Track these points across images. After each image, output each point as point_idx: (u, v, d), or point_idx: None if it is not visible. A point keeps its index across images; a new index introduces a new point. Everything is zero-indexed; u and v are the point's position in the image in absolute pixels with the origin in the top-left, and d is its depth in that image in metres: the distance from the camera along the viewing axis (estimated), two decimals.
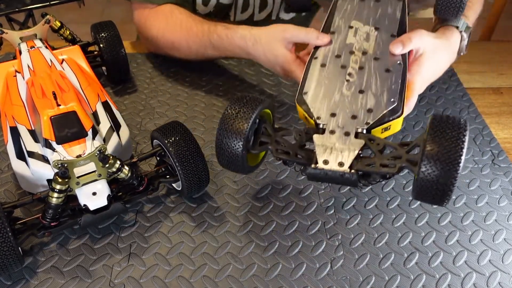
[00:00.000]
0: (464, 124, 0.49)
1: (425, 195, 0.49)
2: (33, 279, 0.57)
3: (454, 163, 0.47)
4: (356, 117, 0.58)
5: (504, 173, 0.72)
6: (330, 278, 0.58)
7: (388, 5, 0.70)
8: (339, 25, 0.69)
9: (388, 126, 0.58)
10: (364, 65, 0.63)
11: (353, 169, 0.53)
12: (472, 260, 0.61)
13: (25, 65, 0.70)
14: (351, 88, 0.61)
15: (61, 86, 0.64)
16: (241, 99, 0.58)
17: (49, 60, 0.71)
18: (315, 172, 0.55)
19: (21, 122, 0.64)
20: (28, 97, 0.65)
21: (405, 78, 0.61)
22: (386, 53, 0.64)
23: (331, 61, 0.65)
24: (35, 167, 0.60)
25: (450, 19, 0.71)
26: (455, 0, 0.66)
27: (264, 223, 0.64)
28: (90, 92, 0.69)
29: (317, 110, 0.59)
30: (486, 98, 0.87)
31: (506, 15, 0.80)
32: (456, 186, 0.47)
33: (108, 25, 0.83)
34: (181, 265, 0.59)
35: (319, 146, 0.56)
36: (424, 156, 0.47)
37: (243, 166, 0.59)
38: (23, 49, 0.74)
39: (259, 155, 0.64)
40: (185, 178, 0.61)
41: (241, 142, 0.56)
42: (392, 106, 0.58)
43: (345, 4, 0.72)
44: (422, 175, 0.48)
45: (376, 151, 0.54)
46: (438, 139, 0.48)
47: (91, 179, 0.58)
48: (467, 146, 0.75)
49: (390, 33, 0.66)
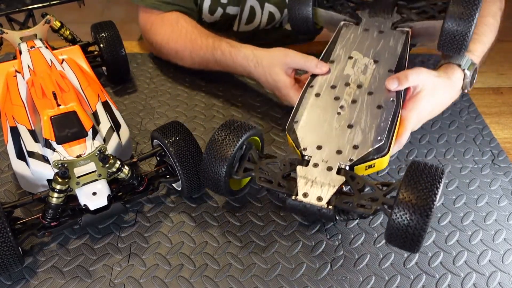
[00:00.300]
0: (440, 174, 0.50)
1: (396, 240, 0.50)
2: (33, 279, 0.57)
3: (424, 212, 0.47)
4: (341, 152, 0.58)
5: (504, 173, 0.72)
6: (330, 278, 0.58)
7: (391, 37, 0.70)
8: (339, 54, 0.70)
9: (373, 164, 0.59)
10: (357, 98, 0.63)
11: (331, 205, 0.54)
12: (472, 260, 0.61)
13: (25, 65, 0.70)
14: (341, 121, 0.61)
15: (61, 86, 0.64)
16: (230, 124, 0.59)
17: (49, 60, 0.71)
18: (294, 203, 0.56)
19: (21, 122, 0.64)
20: (28, 97, 0.65)
21: (396, 116, 0.61)
22: (381, 88, 0.64)
23: (325, 92, 0.65)
24: (35, 167, 0.60)
25: (454, 56, 0.71)
26: (457, 38, 0.65)
27: (264, 223, 0.64)
28: (90, 92, 0.69)
29: (305, 141, 0.60)
30: (486, 98, 0.87)
31: (506, 15, 0.80)
32: (425, 234, 0.48)
33: (108, 25, 0.83)
34: (181, 265, 0.59)
35: (301, 178, 0.57)
36: (397, 202, 0.48)
37: (226, 190, 0.59)
38: (23, 49, 0.74)
39: (241, 182, 0.65)
40: (185, 178, 0.61)
41: (224, 167, 0.57)
42: (379, 144, 0.58)
43: (349, 32, 0.72)
44: (393, 219, 0.49)
45: (356, 189, 0.55)
46: (412, 187, 0.49)
47: (91, 179, 0.58)
48: (467, 146, 0.75)
49: (388, 68, 0.66)
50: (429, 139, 0.77)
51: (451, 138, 0.77)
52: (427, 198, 0.47)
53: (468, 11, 0.63)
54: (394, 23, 0.72)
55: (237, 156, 0.58)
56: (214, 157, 0.57)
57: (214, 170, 0.57)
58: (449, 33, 0.65)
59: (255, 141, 0.62)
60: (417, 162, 0.51)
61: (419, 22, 0.71)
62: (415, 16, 0.72)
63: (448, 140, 0.77)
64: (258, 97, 0.84)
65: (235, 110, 0.81)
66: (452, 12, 0.64)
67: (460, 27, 0.64)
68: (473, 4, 0.63)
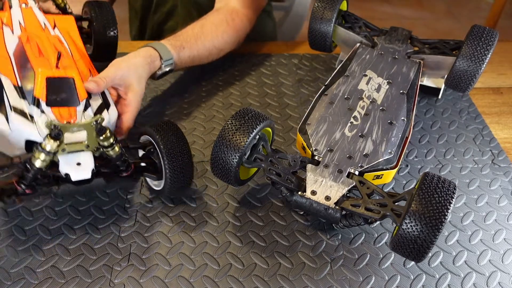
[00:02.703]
0: (453, 189, 0.50)
1: (402, 249, 0.50)
2: (33, 279, 0.57)
3: (436, 226, 0.48)
4: (351, 158, 0.60)
5: (504, 173, 0.72)
6: (330, 278, 0.58)
7: (405, 64, 0.73)
8: (354, 70, 0.72)
9: (381, 175, 0.60)
10: (370, 112, 0.65)
11: (339, 205, 0.55)
12: (472, 260, 0.61)
13: (15, 20, 0.68)
14: (353, 130, 0.63)
15: (60, 50, 0.62)
16: (245, 113, 0.59)
17: (43, 22, 0.69)
18: (301, 200, 0.56)
19: (4, 74, 0.61)
20: (19, 52, 0.63)
21: (406, 135, 0.63)
22: (393, 107, 0.66)
23: (339, 101, 0.67)
24: (17, 123, 0.56)
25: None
26: (466, 77, 0.71)
27: (264, 223, 0.64)
28: (82, 66, 0.66)
29: (316, 143, 0.61)
30: (486, 98, 0.87)
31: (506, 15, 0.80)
32: (433, 246, 0.49)
33: (104, 4, 0.80)
34: (181, 265, 0.59)
35: (311, 176, 0.57)
36: (409, 212, 0.49)
37: (236, 179, 0.60)
38: (14, 3, 0.71)
39: (249, 171, 0.65)
40: (170, 178, 0.60)
41: (237, 155, 0.57)
42: (388, 156, 0.60)
43: (365, 53, 0.76)
44: (403, 229, 0.49)
45: (364, 194, 0.55)
46: (425, 200, 0.49)
47: (78, 148, 0.56)
48: (467, 146, 0.75)
49: (401, 90, 0.69)
50: (429, 139, 0.77)
51: (451, 138, 0.77)
52: (440, 212, 0.48)
53: (480, 55, 0.69)
54: (407, 53, 0.76)
55: (250, 145, 0.59)
56: (227, 145, 0.57)
57: (227, 158, 0.57)
58: (459, 71, 0.71)
59: (267, 132, 0.63)
60: (431, 174, 0.52)
61: (431, 56, 0.75)
62: (428, 50, 0.76)
63: (448, 140, 0.77)
64: (257, 97, 0.84)
65: (235, 110, 0.81)
66: (465, 52, 0.70)
67: (470, 67, 0.70)
68: (485, 49, 0.69)
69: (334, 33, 0.80)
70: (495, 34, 0.71)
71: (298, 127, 0.64)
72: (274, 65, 0.92)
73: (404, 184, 0.70)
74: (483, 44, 0.69)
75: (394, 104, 0.67)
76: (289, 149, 0.74)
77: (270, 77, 0.89)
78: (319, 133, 0.62)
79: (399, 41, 0.78)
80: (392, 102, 0.67)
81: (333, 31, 0.79)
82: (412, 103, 0.67)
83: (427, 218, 0.48)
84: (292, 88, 0.86)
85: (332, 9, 0.78)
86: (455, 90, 0.75)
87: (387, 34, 0.80)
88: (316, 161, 0.59)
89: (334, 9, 0.78)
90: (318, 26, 0.79)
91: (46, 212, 0.63)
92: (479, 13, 2.61)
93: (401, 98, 0.67)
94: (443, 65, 0.75)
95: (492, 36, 0.70)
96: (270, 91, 0.86)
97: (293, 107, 0.82)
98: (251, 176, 0.66)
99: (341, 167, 0.58)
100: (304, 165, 0.59)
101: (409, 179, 0.70)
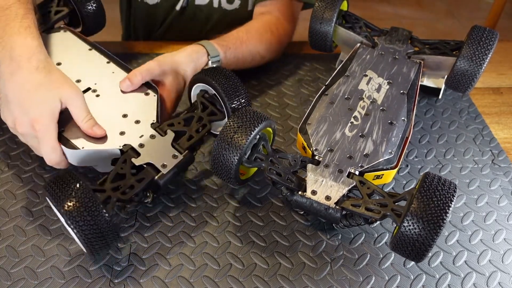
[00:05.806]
0: (453, 190, 0.51)
1: (402, 248, 0.51)
2: (33, 279, 0.57)
3: (436, 226, 0.48)
4: (352, 158, 0.60)
5: (504, 173, 0.72)
6: (330, 278, 0.58)
7: (405, 65, 0.74)
8: (355, 70, 0.72)
9: (381, 175, 0.60)
10: (370, 112, 0.65)
11: (339, 205, 0.55)
12: (472, 260, 0.61)
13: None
14: (353, 130, 0.63)
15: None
16: (246, 112, 0.59)
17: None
18: (301, 200, 0.56)
19: None
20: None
21: (406, 135, 0.63)
22: (393, 107, 0.66)
23: (340, 101, 0.67)
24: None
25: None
26: (466, 77, 0.71)
27: (264, 223, 0.64)
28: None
29: (317, 142, 0.61)
30: (486, 98, 0.87)
31: (506, 15, 0.80)
32: (433, 246, 0.49)
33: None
34: (181, 265, 0.59)
35: (311, 176, 0.58)
36: (409, 212, 0.49)
37: (236, 178, 0.60)
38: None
39: (249, 171, 0.65)
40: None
41: (238, 154, 0.57)
42: (389, 156, 0.60)
43: (365, 53, 0.76)
44: (403, 229, 0.49)
45: (365, 194, 0.55)
46: (426, 200, 0.49)
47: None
48: (467, 146, 0.75)
49: (401, 90, 0.69)
50: (429, 139, 0.77)
51: (451, 138, 0.77)
52: (441, 212, 0.48)
53: (480, 56, 0.69)
54: (408, 53, 0.76)
55: (251, 144, 0.59)
56: (228, 143, 0.57)
57: (227, 157, 0.57)
58: (459, 72, 0.71)
59: (268, 132, 0.63)
60: (431, 174, 0.52)
61: (432, 56, 0.75)
62: (428, 50, 0.76)
63: (448, 140, 0.77)
64: (257, 97, 0.84)
65: None
66: (465, 53, 0.70)
67: (470, 68, 0.70)
68: (485, 50, 0.69)
69: (334, 33, 0.80)
70: (495, 35, 0.71)
71: (298, 127, 0.65)
72: (274, 65, 0.92)
73: (404, 184, 0.70)
74: (483, 45, 0.69)
75: (394, 104, 0.67)
76: (289, 149, 0.74)
77: (270, 77, 0.89)
78: (319, 133, 0.63)
79: (399, 41, 0.78)
80: (393, 102, 0.67)
81: (333, 31, 0.79)
82: (412, 103, 0.67)
83: (428, 218, 0.48)
84: (292, 88, 0.86)
85: (333, 9, 0.78)
86: (455, 90, 0.75)
87: (387, 34, 0.80)
88: (317, 161, 0.60)
89: (334, 9, 0.78)
90: (319, 26, 0.79)
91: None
92: (479, 13, 2.61)
93: (401, 98, 0.68)
94: (443, 65, 0.75)
95: (492, 37, 0.70)
96: (270, 91, 0.86)
97: (293, 107, 0.82)
98: (250, 177, 0.66)
99: (342, 167, 0.59)
100: (304, 165, 0.59)
101: (409, 179, 0.70)
